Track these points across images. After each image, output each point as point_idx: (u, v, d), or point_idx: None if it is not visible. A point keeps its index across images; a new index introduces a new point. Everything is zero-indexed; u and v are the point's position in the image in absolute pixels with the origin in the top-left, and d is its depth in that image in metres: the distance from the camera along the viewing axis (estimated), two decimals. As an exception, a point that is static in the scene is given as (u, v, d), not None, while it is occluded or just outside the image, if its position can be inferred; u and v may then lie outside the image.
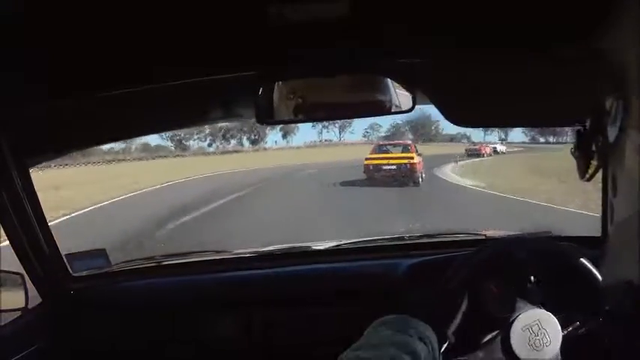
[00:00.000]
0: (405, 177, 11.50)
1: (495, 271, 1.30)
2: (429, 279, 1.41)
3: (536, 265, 1.23)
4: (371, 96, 1.18)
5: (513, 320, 1.19)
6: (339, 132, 58.76)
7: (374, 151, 13.40)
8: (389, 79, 1.17)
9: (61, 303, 1.53)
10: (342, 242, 1.78)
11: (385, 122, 57.92)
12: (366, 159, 12.57)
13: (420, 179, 11.96)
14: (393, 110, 1.20)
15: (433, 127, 52.00)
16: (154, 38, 0.97)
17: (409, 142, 16.73)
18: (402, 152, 12.88)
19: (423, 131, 50.54)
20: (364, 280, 1.55)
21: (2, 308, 1.39)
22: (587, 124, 0.62)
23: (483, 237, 1.68)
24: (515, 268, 1.29)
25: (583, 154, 0.62)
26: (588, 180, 0.64)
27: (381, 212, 8.55)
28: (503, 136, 55.08)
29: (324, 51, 1.06)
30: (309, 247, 1.77)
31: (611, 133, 0.53)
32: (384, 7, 0.92)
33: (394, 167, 11.73)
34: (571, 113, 1.25)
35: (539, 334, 1.17)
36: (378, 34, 1.00)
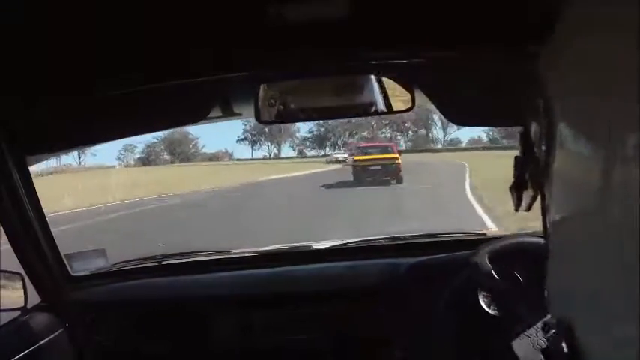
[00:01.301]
0: (389, 177, 12.55)
1: (496, 272, 1.30)
2: (429, 279, 1.41)
3: (537, 266, 1.23)
4: (370, 96, 1.18)
5: (514, 321, 1.19)
6: (79, 155, 40.45)
7: (359, 154, 14.46)
8: (389, 79, 1.17)
9: (60, 303, 1.53)
10: (342, 242, 1.78)
11: (140, 143, 44.26)
12: (354, 160, 13.68)
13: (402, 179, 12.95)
14: (393, 110, 1.20)
15: (191, 145, 45.08)
16: (153, 38, 0.97)
17: (390, 144, 17.93)
18: (383, 153, 13.91)
19: (180, 150, 43.67)
20: (365, 279, 1.55)
21: (2, 308, 1.39)
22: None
23: (484, 236, 1.68)
24: (516, 270, 1.29)
25: (516, 183, 0.58)
26: (527, 210, 0.59)
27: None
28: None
29: (324, 51, 1.06)
30: (310, 246, 1.77)
31: (542, 157, 0.50)
32: (384, 7, 0.92)
33: (379, 168, 12.86)
34: None
35: (539, 334, 1.17)
36: (377, 34, 0.99)
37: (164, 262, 1.71)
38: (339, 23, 0.94)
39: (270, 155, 43.42)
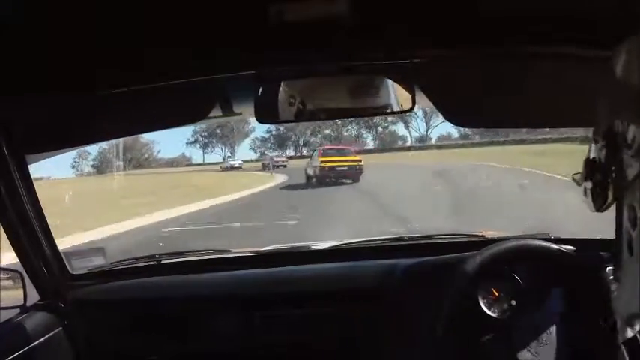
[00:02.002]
0: (352, 177, 13.87)
1: (496, 274, 1.30)
2: (427, 280, 1.41)
3: (537, 268, 1.23)
4: (371, 96, 1.18)
5: (513, 322, 1.19)
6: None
7: (323, 155, 15.32)
8: (389, 80, 1.17)
9: (59, 301, 1.53)
10: (341, 242, 1.78)
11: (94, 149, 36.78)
12: (321, 162, 14.59)
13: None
14: (393, 110, 1.20)
15: (144, 151, 37.62)
16: (154, 37, 0.97)
17: (349, 147, 19.04)
18: (342, 155, 15.16)
19: (131, 156, 36.34)
20: (363, 280, 1.55)
21: (1, 306, 1.39)
22: (596, 153, 0.58)
23: (482, 238, 1.68)
24: (516, 272, 1.29)
25: (597, 186, 0.58)
26: (602, 211, 0.61)
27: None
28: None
29: (324, 51, 1.06)
30: (308, 246, 1.77)
31: (631, 167, 0.50)
32: (384, 7, 0.92)
33: (346, 168, 14.20)
34: (572, 116, 1.25)
35: (538, 335, 1.18)
36: (377, 34, 1.00)
37: (163, 261, 1.71)
38: (339, 23, 0.94)
39: (224, 158, 36.37)
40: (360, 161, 14.63)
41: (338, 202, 10.46)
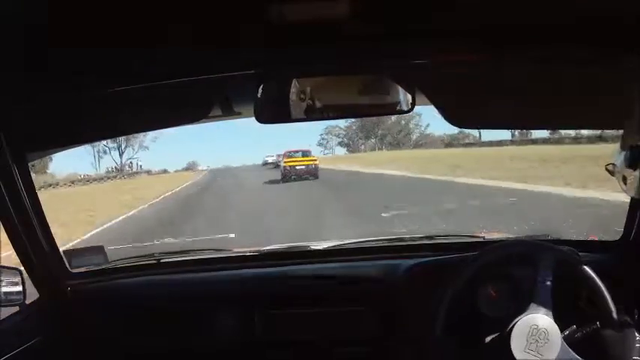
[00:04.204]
0: (310, 173, 17.08)
1: (495, 275, 1.31)
2: (427, 281, 1.41)
3: (535, 270, 1.23)
4: (371, 96, 1.18)
5: (513, 323, 1.19)
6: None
7: (286, 157, 18.38)
8: (390, 80, 1.16)
9: (58, 299, 1.53)
10: (341, 242, 1.78)
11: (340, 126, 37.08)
12: (285, 162, 17.73)
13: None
14: (393, 110, 1.20)
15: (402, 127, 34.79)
16: (154, 36, 0.97)
17: (308, 148, 21.59)
18: (305, 156, 18.26)
19: (380, 132, 34.54)
20: (364, 280, 1.55)
21: (0, 304, 1.39)
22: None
23: (482, 239, 1.68)
24: (516, 273, 1.29)
25: None
26: None
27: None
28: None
29: (324, 50, 1.06)
30: (309, 246, 1.77)
31: None
32: (384, 7, 0.92)
33: (304, 167, 17.38)
34: (571, 117, 1.25)
35: (538, 337, 1.18)
36: (378, 35, 1.00)
37: (162, 260, 1.71)
38: (339, 23, 0.94)
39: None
40: (316, 160, 18.19)
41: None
